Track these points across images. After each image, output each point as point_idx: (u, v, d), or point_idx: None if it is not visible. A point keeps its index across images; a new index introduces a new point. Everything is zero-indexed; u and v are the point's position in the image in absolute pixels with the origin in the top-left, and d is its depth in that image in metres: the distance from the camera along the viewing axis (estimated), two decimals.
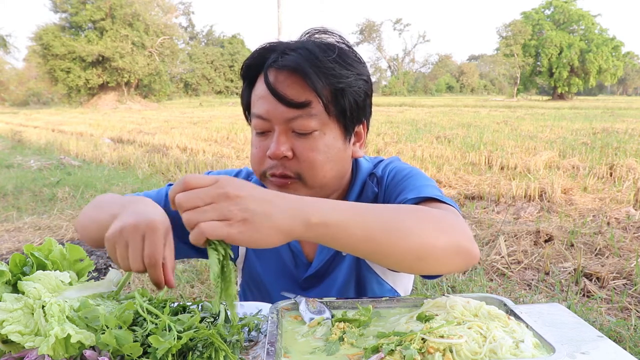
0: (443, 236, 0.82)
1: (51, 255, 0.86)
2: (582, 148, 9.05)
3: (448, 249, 0.82)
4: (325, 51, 0.98)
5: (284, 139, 0.99)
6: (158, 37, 41.29)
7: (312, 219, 0.73)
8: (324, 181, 1.03)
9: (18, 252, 0.83)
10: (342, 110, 1.00)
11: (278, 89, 0.96)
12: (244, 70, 1.06)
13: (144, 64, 39.75)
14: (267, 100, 0.98)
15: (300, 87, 0.96)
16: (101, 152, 10.05)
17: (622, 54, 42.54)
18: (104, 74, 39.14)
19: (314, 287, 1.17)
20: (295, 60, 0.96)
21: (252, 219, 0.69)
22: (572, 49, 41.87)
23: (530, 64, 46.12)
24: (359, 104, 1.03)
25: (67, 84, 38.32)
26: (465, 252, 0.84)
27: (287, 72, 0.97)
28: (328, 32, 1.05)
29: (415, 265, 0.83)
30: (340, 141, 1.03)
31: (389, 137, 11.44)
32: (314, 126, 0.98)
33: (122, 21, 38.93)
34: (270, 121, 0.99)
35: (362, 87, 1.03)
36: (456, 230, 0.85)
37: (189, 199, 0.70)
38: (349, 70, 1.00)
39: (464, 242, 0.84)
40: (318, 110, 0.98)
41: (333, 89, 0.98)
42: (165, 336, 0.73)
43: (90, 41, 37.94)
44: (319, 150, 1.00)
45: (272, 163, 1.00)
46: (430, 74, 77.59)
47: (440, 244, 0.81)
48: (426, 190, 0.99)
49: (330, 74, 0.97)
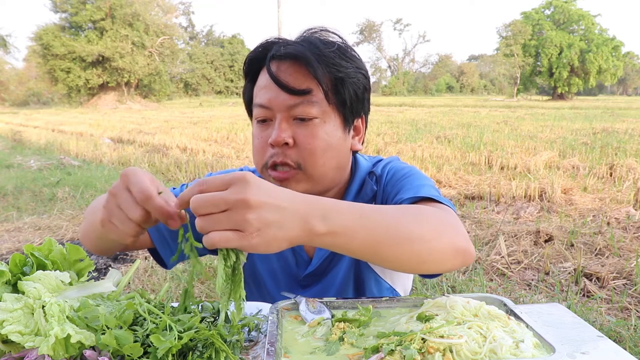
0: (443, 238, 0.84)
1: (51, 255, 0.86)
2: (582, 148, 9.05)
3: (447, 249, 0.84)
4: (326, 44, 1.03)
5: (286, 126, 1.01)
6: (158, 37, 41.30)
7: (320, 229, 0.72)
8: (323, 170, 1.04)
9: (18, 252, 0.83)
10: (342, 100, 1.04)
11: (280, 77, 1.00)
12: (247, 64, 1.09)
13: (144, 64, 39.76)
14: (269, 89, 1.02)
15: (302, 75, 1.00)
16: (101, 152, 10.05)
17: (622, 54, 42.53)
18: (104, 74, 39.15)
19: (313, 284, 1.18)
20: (297, 49, 1.00)
21: (265, 231, 0.67)
22: (572, 49, 41.86)
23: (530, 64, 46.13)
24: (359, 95, 1.06)
25: (67, 84, 38.33)
26: (463, 252, 0.86)
27: (289, 61, 1.01)
28: (328, 31, 1.07)
29: (417, 267, 0.85)
30: (340, 131, 1.06)
31: (389, 137, 11.44)
32: (315, 113, 1.01)
33: (122, 21, 38.94)
34: (272, 109, 1.02)
35: (362, 80, 1.06)
36: (454, 230, 0.87)
37: (204, 204, 0.66)
38: (348, 62, 1.04)
39: (462, 242, 0.86)
40: (319, 98, 1.01)
41: (333, 77, 1.02)
42: (165, 336, 0.73)
43: (90, 41, 37.96)
44: (320, 138, 1.02)
45: (274, 151, 1.02)
46: (430, 74, 77.60)
47: (441, 246, 0.83)
48: (423, 190, 1.00)
49: (330, 62, 1.01)
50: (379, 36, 75.54)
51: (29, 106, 44.95)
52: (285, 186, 1.00)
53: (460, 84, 75.97)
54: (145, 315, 0.77)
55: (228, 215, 0.65)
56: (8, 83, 49.04)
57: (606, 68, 41.68)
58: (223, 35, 65.37)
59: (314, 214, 0.72)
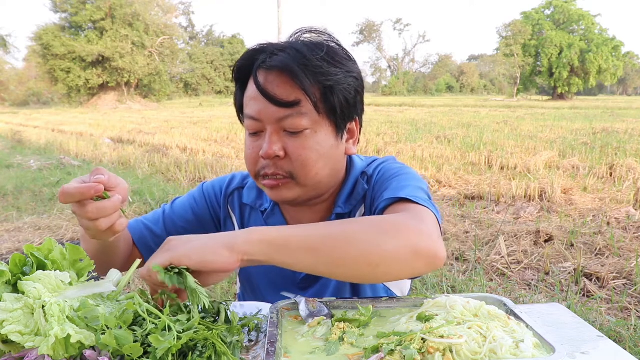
0: (392, 239, 0.82)
1: (51, 255, 0.86)
2: (582, 148, 9.05)
3: (401, 251, 0.82)
4: (313, 50, 0.99)
5: (276, 139, 1.00)
6: (158, 37, 41.29)
7: (254, 237, 0.82)
8: (316, 179, 1.04)
9: (18, 252, 0.83)
10: (332, 108, 1.01)
11: (267, 89, 0.97)
12: (235, 72, 1.07)
13: (144, 64, 39.75)
14: (257, 100, 0.99)
15: (290, 87, 0.97)
16: (101, 152, 10.05)
17: (622, 54, 42.51)
18: (104, 74, 39.14)
19: (310, 286, 1.17)
20: (282, 61, 0.97)
21: (188, 245, 0.82)
22: (572, 49, 41.85)
23: (530, 64, 46.11)
24: (350, 101, 1.04)
25: (67, 84, 38.32)
26: (426, 254, 0.83)
27: (276, 73, 0.98)
28: (316, 31, 1.05)
29: (371, 272, 0.83)
30: (332, 138, 1.04)
31: (389, 137, 11.44)
32: (305, 124, 0.99)
33: (122, 21, 38.93)
34: (262, 121, 1.00)
35: (352, 84, 1.03)
36: (416, 232, 0.84)
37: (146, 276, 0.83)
38: (337, 67, 1.00)
39: (422, 242, 0.83)
40: (308, 108, 0.99)
41: (322, 87, 0.99)
42: (165, 336, 0.73)
43: (90, 41, 37.94)
44: (311, 149, 1.00)
45: (265, 163, 1.02)
46: (430, 74, 77.57)
47: (390, 247, 0.81)
48: (404, 191, 0.98)
49: (318, 72, 0.98)
50: (379, 36, 75.52)
51: (29, 106, 44.94)
52: (278, 193, 1.04)
53: (460, 84, 75.94)
54: (145, 315, 0.77)
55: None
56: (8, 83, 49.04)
57: (606, 68, 41.67)
58: (223, 35, 65.37)
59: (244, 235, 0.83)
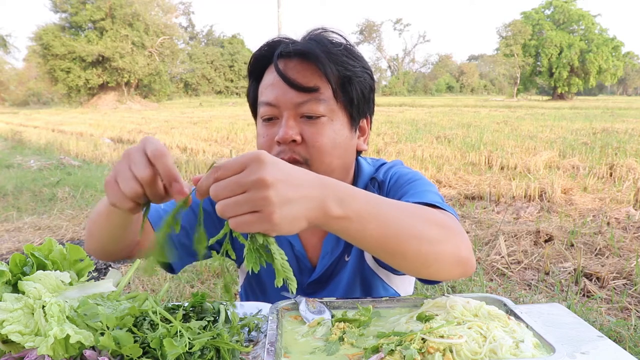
0: (449, 244, 0.83)
1: (51, 255, 0.86)
2: (582, 148, 9.05)
3: (451, 258, 0.83)
4: (333, 43, 1.03)
5: (293, 124, 1.00)
6: (158, 37, 41.30)
7: (335, 211, 0.70)
8: (330, 167, 1.03)
9: (18, 252, 0.83)
10: (349, 98, 1.03)
11: (288, 74, 0.99)
12: (252, 63, 1.08)
13: (144, 64, 39.76)
14: (276, 86, 1.01)
15: (310, 73, 1.00)
16: (101, 152, 10.05)
17: (622, 54, 42.51)
18: (104, 74, 39.15)
19: (317, 292, 1.17)
20: (306, 46, 1.00)
21: (284, 208, 0.65)
22: (572, 49, 41.85)
23: (530, 64, 46.11)
24: (365, 95, 1.06)
25: (67, 84, 38.33)
26: (465, 263, 0.85)
27: (298, 59, 1.01)
28: (332, 31, 1.07)
29: (420, 269, 0.83)
30: (347, 129, 1.05)
31: (389, 137, 11.44)
32: (322, 111, 1.00)
33: (122, 21, 38.94)
34: (278, 107, 1.01)
35: (368, 80, 1.06)
36: (460, 239, 0.85)
37: (223, 191, 0.65)
38: (355, 61, 1.04)
39: (465, 252, 0.85)
40: (327, 96, 1.01)
41: (342, 75, 1.01)
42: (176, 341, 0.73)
43: (90, 41, 37.96)
44: (328, 136, 1.01)
45: (280, 149, 1.01)
46: (430, 74, 77.59)
47: (446, 253, 0.82)
48: (428, 196, 0.98)
49: (339, 60, 1.01)
50: (379, 36, 75.54)
51: (29, 106, 44.95)
52: None
53: (460, 84, 75.93)
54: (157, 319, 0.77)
55: (246, 197, 0.64)
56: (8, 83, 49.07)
57: (606, 68, 41.66)
58: (223, 35, 65.42)
59: (330, 196, 0.71)
